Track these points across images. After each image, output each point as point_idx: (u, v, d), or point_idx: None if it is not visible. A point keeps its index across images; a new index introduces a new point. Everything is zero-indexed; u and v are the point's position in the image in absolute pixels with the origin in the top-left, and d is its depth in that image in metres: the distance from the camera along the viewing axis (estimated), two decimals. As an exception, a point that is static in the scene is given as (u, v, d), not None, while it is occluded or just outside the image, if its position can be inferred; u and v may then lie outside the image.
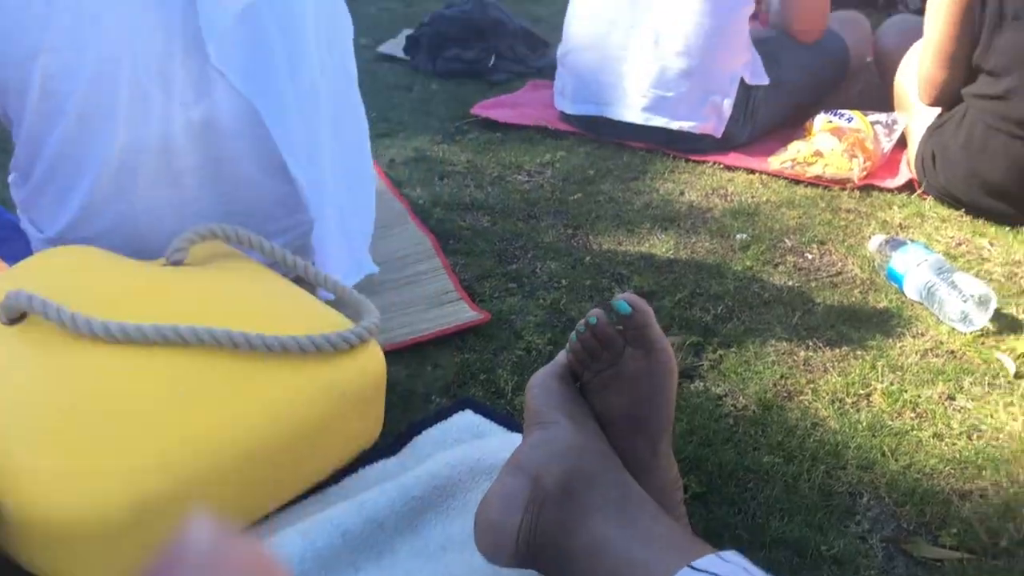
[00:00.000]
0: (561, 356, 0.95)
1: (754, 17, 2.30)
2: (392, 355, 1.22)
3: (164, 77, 1.15)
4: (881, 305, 1.47)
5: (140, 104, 1.14)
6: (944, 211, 1.79)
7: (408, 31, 2.94)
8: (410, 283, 1.47)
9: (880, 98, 2.18)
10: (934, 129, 1.77)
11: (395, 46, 2.93)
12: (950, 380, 1.28)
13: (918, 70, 1.78)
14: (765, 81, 2.09)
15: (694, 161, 2.06)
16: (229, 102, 1.20)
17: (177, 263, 1.13)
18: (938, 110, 1.82)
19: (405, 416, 1.16)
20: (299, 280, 1.21)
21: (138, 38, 1.12)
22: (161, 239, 1.17)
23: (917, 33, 1.83)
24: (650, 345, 0.89)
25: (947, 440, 1.16)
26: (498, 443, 1.05)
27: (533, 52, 2.85)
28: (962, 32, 1.64)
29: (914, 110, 1.91)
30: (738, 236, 1.70)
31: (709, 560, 0.72)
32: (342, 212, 1.32)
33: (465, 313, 1.37)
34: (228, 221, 1.22)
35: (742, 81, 2.06)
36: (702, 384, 1.26)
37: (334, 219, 1.29)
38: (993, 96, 1.61)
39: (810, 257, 1.63)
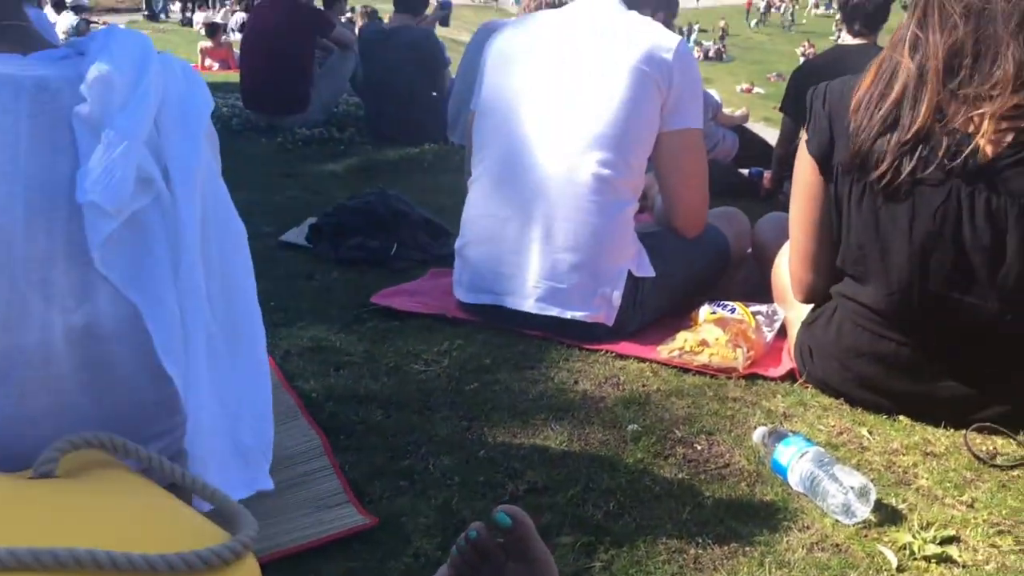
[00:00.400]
0: (443, 570, 0.93)
1: (641, 212, 2.43)
2: (271, 564, 1.17)
3: (45, 283, 1.14)
4: (768, 497, 1.49)
5: (17, 310, 1.13)
6: (825, 400, 1.87)
7: (312, 220, 3.01)
8: (296, 485, 1.43)
9: (761, 289, 2.30)
10: (808, 324, 1.87)
11: (298, 234, 2.98)
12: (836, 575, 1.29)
13: (788, 269, 1.90)
14: (651, 273, 2.19)
15: (588, 349, 2.11)
16: (111, 306, 1.19)
17: (46, 475, 1.08)
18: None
19: (283, 634, 1.10)
20: (174, 487, 1.16)
21: (19, 244, 1.12)
22: (36, 446, 1.11)
23: (791, 230, 1.96)
24: (531, 557, 0.88)
25: (835, 641, 1.16)
26: (378, 664, 1.00)
27: (435, 240, 2.94)
28: (822, 238, 1.77)
29: (791, 303, 2.02)
30: (630, 427, 1.72)
31: None
32: (234, 420, 1.30)
33: (352, 518, 1.34)
34: (108, 425, 1.18)
35: (630, 273, 2.16)
36: (593, 587, 1.24)
37: (216, 422, 1.26)
38: (857, 300, 1.72)
39: (699, 448, 1.66)
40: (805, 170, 1.73)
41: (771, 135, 5.00)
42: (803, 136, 1.72)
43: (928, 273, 1.58)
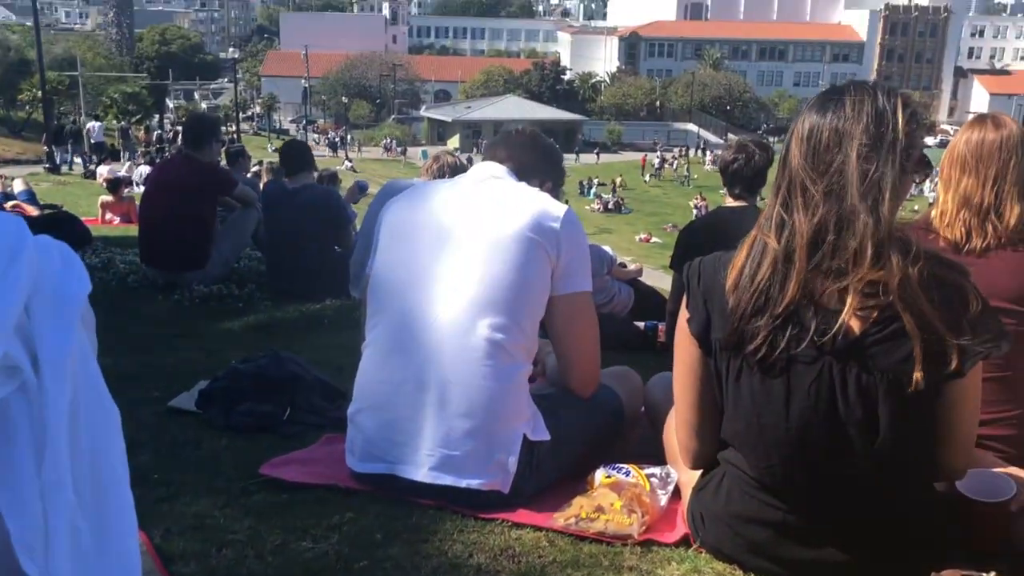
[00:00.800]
0: None
1: (531, 380, 2.45)
2: None
3: None
4: (663, 677, 1.46)
5: None
6: (719, 566, 1.86)
7: (203, 384, 2.93)
8: None
9: (656, 448, 2.32)
10: (698, 490, 1.89)
11: (188, 399, 2.89)
12: None
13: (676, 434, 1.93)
14: (546, 437, 2.19)
15: (483, 518, 2.07)
16: (-35, 501, 1.13)
17: None
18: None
19: None
20: None
21: None
22: None
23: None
24: None
25: None
26: None
27: (331, 403, 2.88)
28: (705, 408, 1.81)
29: (683, 465, 2.04)
30: (524, 605, 1.68)
31: None
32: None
33: None
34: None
35: (525, 437, 2.16)
36: None
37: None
38: (742, 469, 1.76)
39: (594, 625, 1.62)
40: (685, 344, 1.79)
41: (668, 283, 5.15)
42: (683, 313, 1.79)
43: (806, 446, 1.63)
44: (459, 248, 2.20)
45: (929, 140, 65.01)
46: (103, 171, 17.36)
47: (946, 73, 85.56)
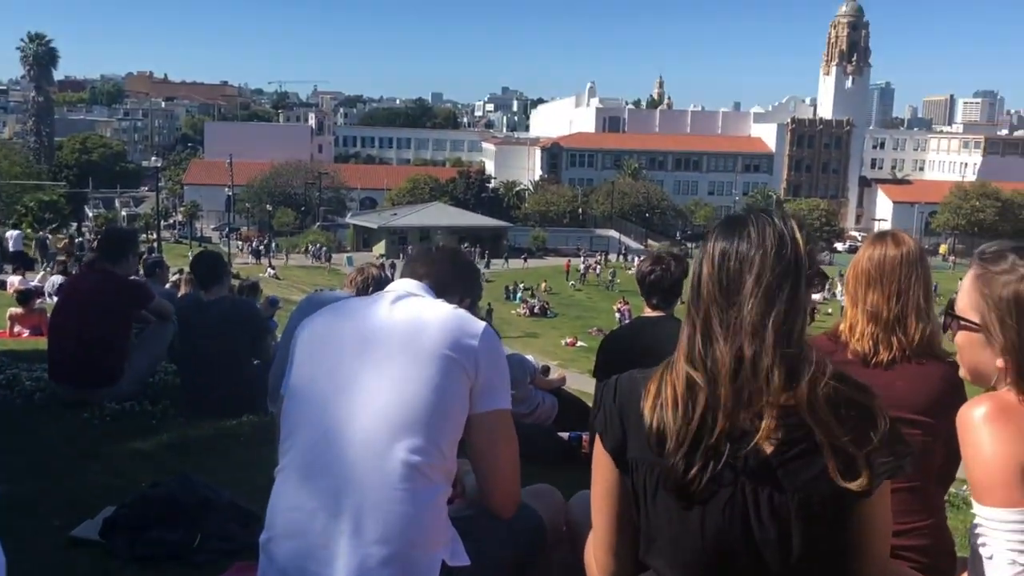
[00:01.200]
0: None
1: (451, 500, 2.40)
2: None
3: None
4: None
5: None
6: None
7: (109, 510, 2.79)
8: None
9: (578, 569, 2.27)
10: (618, 616, 1.85)
11: (91, 528, 2.75)
12: None
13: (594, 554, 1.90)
14: (466, 562, 2.13)
15: (401, 650, 1.99)
16: None
17: None
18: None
19: None
20: None
21: None
22: None
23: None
24: None
25: None
26: None
27: (245, 528, 2.78)
28: (622, 527, 1.79)
29: (604, 586, 2.00)
30: None
31: None
32: None
33: None
34: None
35: (444, 563, 2.10)
36: None
37: None
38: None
39: None
40: (601, 463, 1.78)
41: (594, 388, 5.13)
42: (598, 429, 1.79)
43: (722, 566, 1.62)
44: (375, 368, 2.17)
45: (839, 246, 67.90)
46: (14, 281, 16.79)
47: (851, 182, 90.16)
